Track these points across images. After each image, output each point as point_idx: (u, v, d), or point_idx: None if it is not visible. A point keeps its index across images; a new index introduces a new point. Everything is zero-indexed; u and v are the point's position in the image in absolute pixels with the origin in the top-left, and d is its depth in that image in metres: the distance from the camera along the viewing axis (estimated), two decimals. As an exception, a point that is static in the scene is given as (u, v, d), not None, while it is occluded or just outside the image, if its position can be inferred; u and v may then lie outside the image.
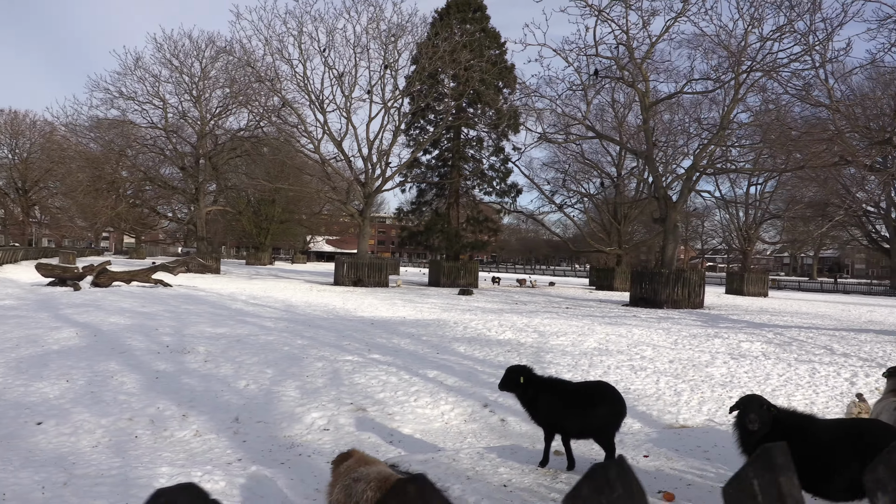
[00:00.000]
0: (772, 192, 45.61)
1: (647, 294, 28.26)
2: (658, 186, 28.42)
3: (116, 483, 5.51)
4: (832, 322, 22.44)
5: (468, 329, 15.15)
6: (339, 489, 4.06)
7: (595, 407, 5.64)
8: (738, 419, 4.63)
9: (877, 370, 12.53)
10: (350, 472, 4.18)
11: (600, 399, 5.67)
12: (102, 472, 5.81)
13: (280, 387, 9.09)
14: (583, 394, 5.79)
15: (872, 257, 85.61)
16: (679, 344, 14.63)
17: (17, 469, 6.04)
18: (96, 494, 5.23)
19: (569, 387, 5.95)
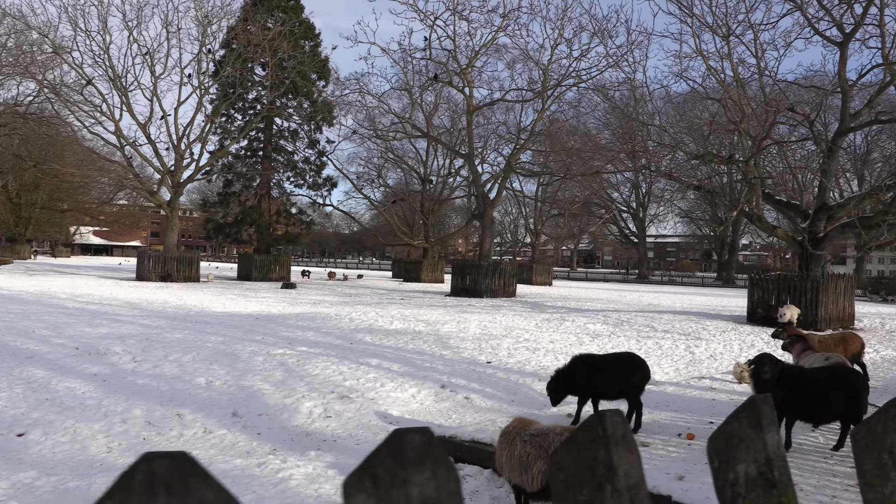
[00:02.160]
0: (554, 192, 51.10)
1: (468, 285, 30.51)
2: (477, 185, 30.81)
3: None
4: (626, 306, 26.41)
5: (355, 321, 15.68)
6: (521, 444, 4.86)
7: (632, 374, 6.95)
8: (753, 371, 6.21)
9: (696, 341, 15.57)
10: (522, 430, 4.99)
11: (636, 367, 7.00)
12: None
13: (246, 382, 9.12)
14: (619, 363, 7.09)
15: (619, 249, 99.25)
16: (541, 328, 16.62)
17: (41, 478, 5.75)
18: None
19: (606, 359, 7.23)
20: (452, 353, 12.28)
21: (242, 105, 39.48)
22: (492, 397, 9.52)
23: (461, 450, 6.48)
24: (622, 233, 71.87)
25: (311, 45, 39.19)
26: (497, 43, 28.33)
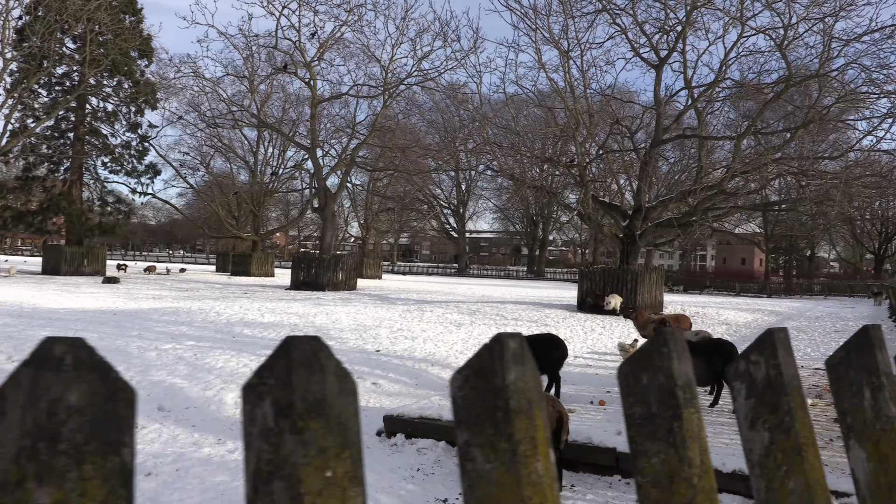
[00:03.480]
0: (385, 188, 52.06)
1: (309, 278, 30.37)
2: (319, 178, 30.76)
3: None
4: (464, 297, 28.02)
5: (223, 315, 15.28)
6: None
7: (552, 351, 7.89)
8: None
9: (546, 328, 17.23)
10: None
11: (555, 345, 7.95)
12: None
13: (154, 377, 8.83)
14: (541, 342, 7.99)
15: (437, 243, 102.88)
16: (406, 318, 17.35)
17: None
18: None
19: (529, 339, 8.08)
20: (339, 344, 12.58)
21: (49, 80, 35.58)
22: (397, 382, 10.08)
23: (411, 426, 7.01)
24: (443, 228, 74.79)
25: (133, 20, 36.31)
26: (343, 38, 28.48)
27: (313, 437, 0.61)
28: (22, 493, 0.50)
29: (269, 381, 0.67)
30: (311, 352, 0.68)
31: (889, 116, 19.04)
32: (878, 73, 19.04)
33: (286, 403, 0.62)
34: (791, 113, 21.76)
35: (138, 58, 37.04)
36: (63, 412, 0.53)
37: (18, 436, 0.52)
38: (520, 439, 0.64)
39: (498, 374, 0.68)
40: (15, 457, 0.51)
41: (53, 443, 0.52)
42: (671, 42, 22.23)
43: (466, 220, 75.32)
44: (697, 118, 24.23)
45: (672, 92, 23.84)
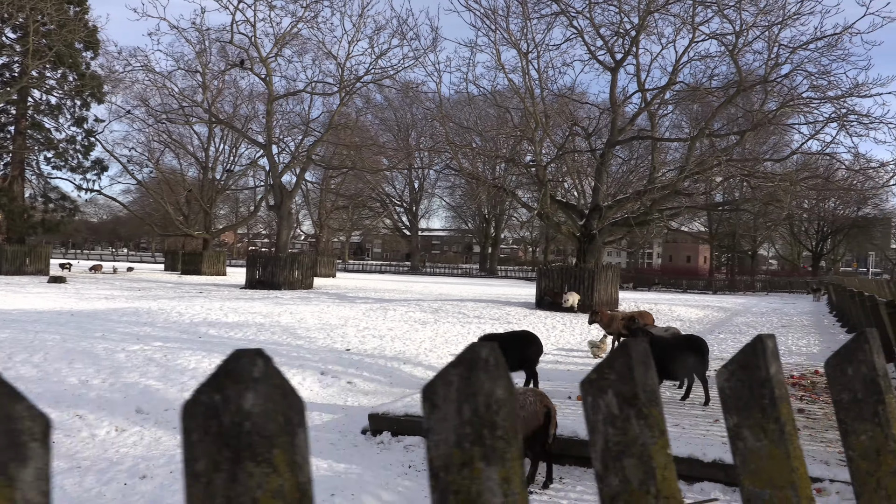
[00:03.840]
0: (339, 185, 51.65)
1: (265, 277, 29.99)
2: (275, 175, 30.39)
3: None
4: (421, 295, 28.14)
5: (185, 315, 15.01)
6: None
7: (528, 347, 8.08)
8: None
9: (509, 325, 17.50)
10: None
11: (530, 342, 8.14)
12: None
13: (127, 379, 8.67)
14: (518, 338, 8.16)
15: (388, 241, 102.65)
16: (369, 317, 17.37)
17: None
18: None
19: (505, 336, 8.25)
20: (308, 343, 12.55)
21: (-14, 71, 34.14)
22: (371, 381, 10.14)
23: (397, 424, 7.10)
24: (396, 226, 74.68)
25: (78, 10, 35.12)
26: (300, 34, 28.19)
27: (655, 421, 0.73)
28: (471, 471, 0.60)
29: (610, 377, 0.76)
30: (645, 352, 0.79)
31: (831, 121, 19.98)
32: (820, 80, 19.95)
33: (630, 394, 0.73)
34: (741, 116, 22.60)
35: (84, 49, 35.84)
36: (495, 404, 0.63)
37: (457, 424, 0.62)
38: (785, 421, 0.77)
39: (762, 368, 0.81)
40: (457, 442, 0.61)
41: (493, 429, 0.62)
42: (626, 45, 22.80)
43: (419, 218, 75.41)
44: (650, 120, 24.94)
45: (627, 94, 24.45)
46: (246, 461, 0.67)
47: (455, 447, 0.61)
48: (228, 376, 0.72)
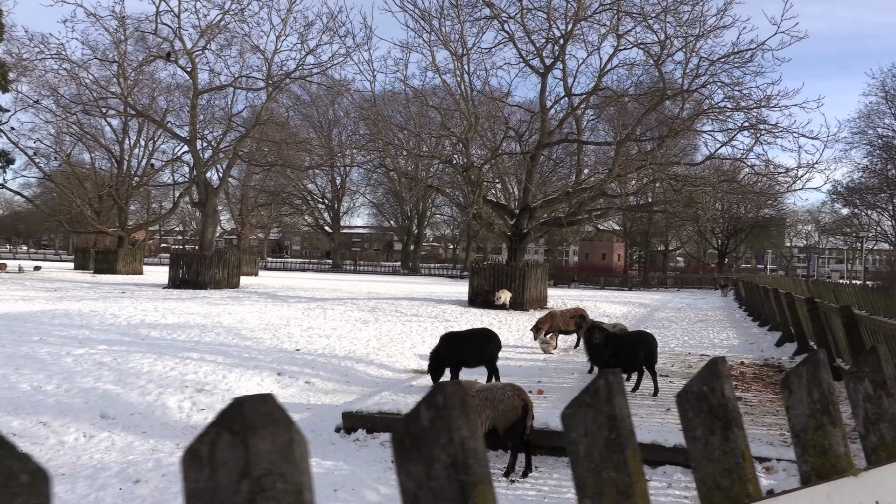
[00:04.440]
0: (261, 182, 50.61)
1: (189, 276, 29.15)
2: (199, 171, 29.59)
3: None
4: (351, 294, 28.11)
5: (120, 317, 14.53)
6: (471, 397, 6.02)
7: (486, 344, 8.44)
8: (587, 337, 8.21)
9: (448, 323, 17.89)
10: (469, 388, 6.16)
11: (488, 339, 8.50)
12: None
13: (82, 384, 8.45)
14: (477, 336, 8.50)
15: (308, 239, 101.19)
16: (309, 316, 17.34)
17: None
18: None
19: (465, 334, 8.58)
20: (256, 343, 12.48)
21: None
22: (329, 380, 10.25)
23: (371, 421, 7.30)
24: (317, 223, 73.77)
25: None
26: (227, 27, 27.55)
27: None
28: (822, 433, 0.91)
29: (865, 370, 1.08)
30: (886, 355, 1.12)
31: (743, 129, 21.45)
32: (735, 91, 21.39)
33: (881, 381, 1.05)
34: (661, 123, 23.86)
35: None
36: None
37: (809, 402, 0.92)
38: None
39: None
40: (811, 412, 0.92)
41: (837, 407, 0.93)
42: (556, 52, 23.62)
43: (342, 215, 74.80)
44: (576, 124, 25.91)
45: (557, 98, 25.32)
46: (734, 428, 0.95)
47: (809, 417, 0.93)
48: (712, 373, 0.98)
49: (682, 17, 20.95)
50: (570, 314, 14.07)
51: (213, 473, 0.60)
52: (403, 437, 0.73)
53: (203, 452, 0.62)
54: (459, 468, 0.68)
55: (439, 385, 0.76)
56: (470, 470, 0.69)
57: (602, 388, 0.86)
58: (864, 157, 53.89)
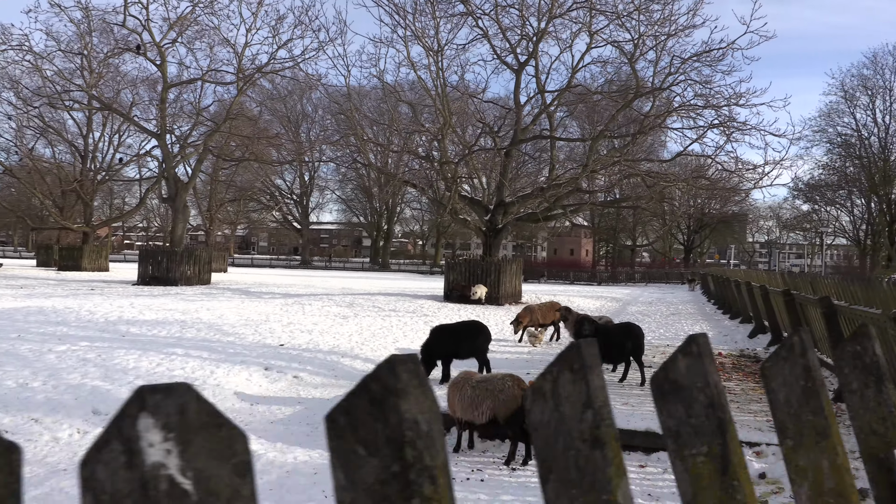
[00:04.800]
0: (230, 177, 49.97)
1: (159, 273, 28.71)
2: (169, 166, 29.13)
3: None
4: (325, 290, 28.01)
5: (96, 314, 14.28)
6: (470, 389, 6.13)
7: (476, 336, 8.55)
8: (576, 329, 8.37)
9: (426, 317, 17.98)
10: (469, 379, 6.29)
11: (479, 331, 8.61)
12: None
13: (70, 380, 8.33)
14: (467, 328, 8.61)
15: (275, 235, 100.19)
16: (287, 312, 17.25)
17: None
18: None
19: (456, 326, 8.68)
20: (238, 339, 12.40)
21: None
22: (317, 374, 10.26)
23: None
24: (285, 219, 73.14)
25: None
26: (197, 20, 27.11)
27: None
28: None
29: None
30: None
31: (713, 127, 21.93)
32: (705, 89, 21.84)
33: None
34: (632, 121, 24.24)
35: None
36: None
37: None
38: None
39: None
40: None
41: None
42: (530, 48, 23.81)
43: (310, 211, 74.27)
44: (549, 121, 26.17)
45: (530, 95, 25.52)
46: (885, 383, 1.05)
47: None
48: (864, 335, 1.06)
49: (653, 15, 21.32)
50: (548, 308, 14.33)
51: (557, 406, 0.67)
52: (663, 382, 0.82)
53: (546, 389, 0.69)
54: (716, 407, 0.77)
55: (692, 336, 0.84)
56: (725, 409, 0.78)
57: (797, 343, 0.95)
58: (824, 154, 55.44)
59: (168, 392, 0.57)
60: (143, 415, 0.55)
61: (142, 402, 0.56)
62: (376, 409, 0.61)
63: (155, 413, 0.54)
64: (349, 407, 0.62)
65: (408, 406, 0.61)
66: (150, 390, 0.59)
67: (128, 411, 0.57)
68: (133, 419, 0.55)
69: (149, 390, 0.59)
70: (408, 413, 0.60)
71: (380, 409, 0.61)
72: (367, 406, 0.62)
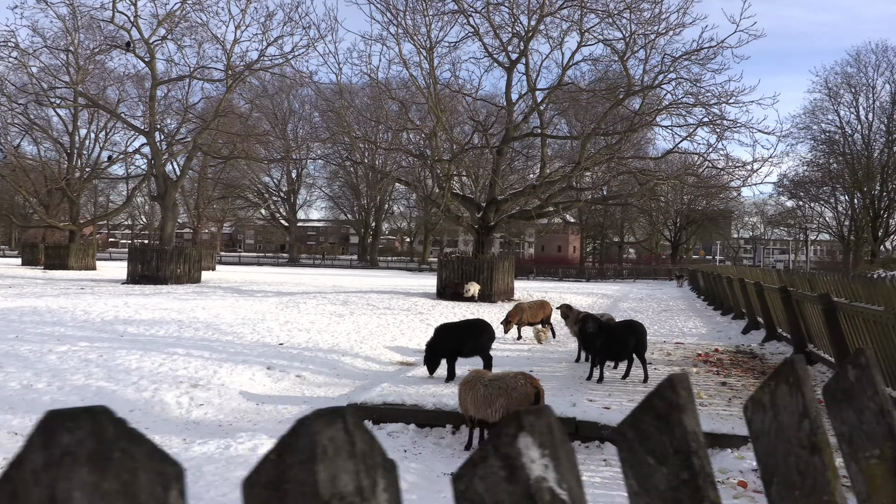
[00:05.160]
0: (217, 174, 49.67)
1: (149, 271, 28.51)
2: (158, 164, 28.92)
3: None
4: (317, 288, 27.96)
5: (91, 313, 14.19)
6: (483, 388, 6.19)
7: (481, 334, 8.61)
8: (581, 327, 8.45)
9: (422, 315, 18.03)
10: (481, 377, 6.35)
11: (483, 329, 8.67)
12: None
13: (74, 381, 8.31)
14: (471, 326, 8.67)
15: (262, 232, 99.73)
16: (283, 311, 17.23)
17: None
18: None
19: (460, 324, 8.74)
20: (237, 338, 12.37)
21: None
22: (319, 373, 10.28)
23: (377, 412, 7.40)
24: (273, 216, 72.83)
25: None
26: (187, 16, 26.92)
27: None
28: None
29: None
30: None
31: (703, 125, 22.12)
32: (695, 87, 22.02)
33: None
34: (624, 118, 24.38)
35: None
36: None
37: None
38: None
39: None
40: None
41: None
42: (522, 46, 23.88)
43: (298, 208, 74.01)
44: (539, 119, 26.26)
45: (521, 93, 25.61)
46: None
47: None
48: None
49: (643, 14, 21.45)
50: (538, 306, 14.43)
51: (776, 415, 0.72)
52: (835, 391, 0.87)
53: (765, 400, 0.75)
54: (885, 414, 0.82)
55: (860, 349, 0.90)
56: (893, 415, 0.83)
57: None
58: (809, 151, 56.07)
59: (539, 414, 0.62)
60: (522, 434, 0.60)
61: (520, 423, 0.61)
62: (662, 423, 0.66)
63: (532, 433, 0.59)
64: (636, 422, 0.68)
65: (688, 420, 0.66)
66: (525, 413, 0.63)
67: (507, 431, 0.61)
68: (512, 438, 0.60)
69: (525, 413, 0.63)
70: (689, 426, 0.65)
71: (665, 424, 0.66)
72: (654, 420, 0.66)
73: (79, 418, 0.59)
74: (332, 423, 0.59)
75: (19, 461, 0.57)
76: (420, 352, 12.47)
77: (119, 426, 0.61)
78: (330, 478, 0.55)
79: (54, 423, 0.59)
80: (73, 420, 0.59)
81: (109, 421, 0.61)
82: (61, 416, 0.59)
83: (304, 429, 0.60)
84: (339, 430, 0.58)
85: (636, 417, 0.68)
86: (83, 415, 0.60)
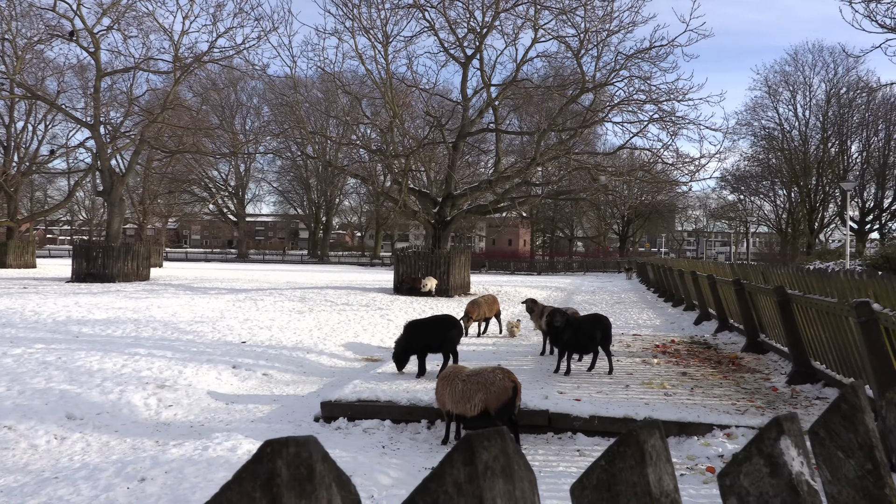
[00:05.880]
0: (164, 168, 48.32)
1: (95, 269, 27.65)
2: (103, 158, 28.04)
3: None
4: (271, 285, 27.62)
5: (41, 314, 13.72)
6: (461, 383, 6.30)
7: (449, 330, 8.72)
8: (548, 320, 8.64)
9: (381, 311, 18.04)
10: (459, 373, 6.45)
11: (451, 325, 8.78)
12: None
13: (35, 384, 8.05)
14: (439, 322, 8.77)
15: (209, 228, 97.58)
16: (241, 308, 17.00)
17: None
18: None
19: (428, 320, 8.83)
20: (198, 337, 12.18)
21: None
22: (285, 371, 10.23)
23: (351, 409, 7.43)
24: (221, 211, 71.32)
25: None
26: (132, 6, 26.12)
27: None
28: None
29: None
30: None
31: (653, 121, 22.71)
32: (644, 84, 22.58)
33: None
34: (577, 114, 24.82)
35: None
36: None
37: None
38: None
39: None
40: None
41: None
42: (477, 42, 24.03)
43: (246, 203, 72.67)
44: (494, 114, 26.49)
45: (476, 88, 25.77)
46: None
47: None
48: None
49: (596, 11, 21.87)
50: (491, 301, 14.61)
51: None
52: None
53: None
54: None
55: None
56: None
57: None
58: (750, 147, 58.05)
59: (794, 420, 0.72)
60: (784, 437, 0.69)
61: (780, 428, 0.71)
62: (847, 423, 0.77)
63: (790, 435, 0.69)
64: (826, 422, 0.80)
65: (869, 420, 0.78)
66: (784, 419, 0.73)
67: (769, 435, 0.71)
68: (774, 440, 0.70)
69: (784, 419, 0.73)
70: (870, 424, 0.77)
71: (851, 423, 0.77)
72: (841, 420, 0.78)
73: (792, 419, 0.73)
74: (652, 434, 0.68)
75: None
76: (384, 348, 12.58)
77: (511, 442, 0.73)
78: (657, 479, 0.64)
79: (782, 422, 0.73)
80: (488, 440, 0.72)
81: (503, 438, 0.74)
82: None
83: (632, 438, 0.68)
84: (657, 438, 0.68)
85: (826, 418, 0.80)
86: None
